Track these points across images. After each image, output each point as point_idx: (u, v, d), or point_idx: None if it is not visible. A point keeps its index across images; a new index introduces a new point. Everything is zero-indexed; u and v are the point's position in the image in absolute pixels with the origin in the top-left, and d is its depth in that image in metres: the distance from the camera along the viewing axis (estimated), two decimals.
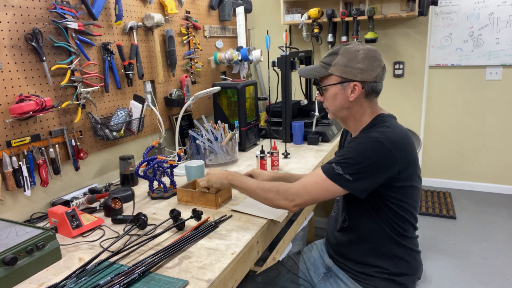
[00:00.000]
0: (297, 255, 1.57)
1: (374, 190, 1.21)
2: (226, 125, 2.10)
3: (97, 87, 1.71)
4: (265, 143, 2.43)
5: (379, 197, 1.24)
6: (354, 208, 1.31)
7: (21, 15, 1.43)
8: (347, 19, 2.81)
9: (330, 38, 2.91)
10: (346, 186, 1.19)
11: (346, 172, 1.18)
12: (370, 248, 1.30)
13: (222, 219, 1.39)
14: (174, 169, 1.81)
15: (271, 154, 1.93)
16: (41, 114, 1.49)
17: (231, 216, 1.43)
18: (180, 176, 1.91)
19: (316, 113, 2.41)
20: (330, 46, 2.97)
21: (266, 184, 1.31)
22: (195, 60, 2.45)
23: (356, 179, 1.18)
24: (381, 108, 1.34)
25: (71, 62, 1.60)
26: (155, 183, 1.72)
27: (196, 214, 1.35)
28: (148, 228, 1.36)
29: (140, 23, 1.95)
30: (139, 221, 1.33)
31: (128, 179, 1.80)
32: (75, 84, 1.64)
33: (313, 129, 2.40)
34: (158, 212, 1.51)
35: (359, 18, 2.77)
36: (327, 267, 1.44)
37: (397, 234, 1.27)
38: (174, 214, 1.34)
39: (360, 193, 1.20)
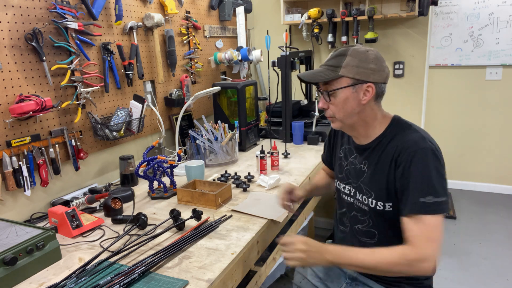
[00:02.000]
0: (303, 268, 1.48)
1: None
2: (226, 125, 2.10)
3: (97, 87, 1.71)
4: (265, 143, 2.43)
5: None
6: (388, 222, 1.21)
7: (21, 15, 1.43)
8: (347, 19, 2.81)
9: (330, 38, 2.91)
10: (446, 208, 1.09)
11: (438, 195, 1.08)
12: None
13: (222, 219, 1.39)
14: (174, 169, 1.81)
15: (271, 154, 1.93)
16: (41, 114, 1.49)
17: (231, 216, 1.43)
18: (180, 176, 1.91)
19: (316, 113, 2.41)
20: (330, 46, 2.97)
21: (388, 258, 1.09)
22: (195, 60, 2.45)
23: (446, 193, 1.11)
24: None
25: (71, 62, 1.60)
26: (155, 183, 1.72)
27: (196, 214, 1.35)
28: (148, 228, 1.36)
29: (140, 23, 1.95)
30: (139, 221, 1.34)
31: (128, 179, 1.80)
32: (75, 84, 1.64)
33: (313, 129, 2.40)
34: (158, 212, 1.51)
35: (359, 18, 2.76)
36: (351, 277, 1.36)
37: None
38: (174, 214, 1.34)
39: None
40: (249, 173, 1.82)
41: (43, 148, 1.52)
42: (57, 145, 1.58)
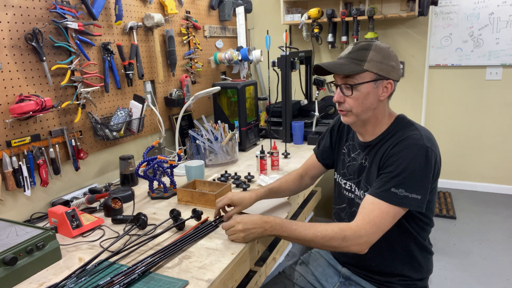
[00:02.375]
0: (299, 265, 1.51)
1: None
2: (226, 125, 2.10)
3: (97, 87, 1.71)
4: (265, 143, 2.43)
5: None
6: None
7: (21, 15, 1.43)
8: (347, 19, 2.81)
9: (330, 38, 2.91)
10: (417, 206, 1.11)
11: (412, 191, 1.10)
12: (395, 258, 1.26)
13: (221, 219, 1.39)
14: (174, 169, 1.81)
15: (271, 154, 1.93)
16: (41, 114, 1.49)
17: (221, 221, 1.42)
18: (180, 176, 1.91)
19: (316, 113, 2.41)
20: (330, 46, 2.97)
21: (324, 230, 1.13)
22: (195, 60, 2.45)
23: (424, 194, 1.11)
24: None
25: (71, 62, 1.60)
26: (155, 183, 1.72)
27: (196, 214, 1.35)
28: (148, 228, 1.36)
29: (140, 23, 1.95)
30: (139, 221, 1.34)
31: (128, 179, 1.80)
32: (75, 84, 1.64)
33: (313, 129, 2.40)
34: (158, 212, 1.51)
35: (359, 18, 2.76)
36: (344, 276, 1.39)
37: (421, 238, 1.25)
38: (174, 214, 1.34)
39: (424, 207, 1.13)
40: (249, 173, 1.82)
41: (43, 148, 1.52)
42: (57, 145, 1.58)
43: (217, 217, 1.38)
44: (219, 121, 2.09)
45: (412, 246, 1.25)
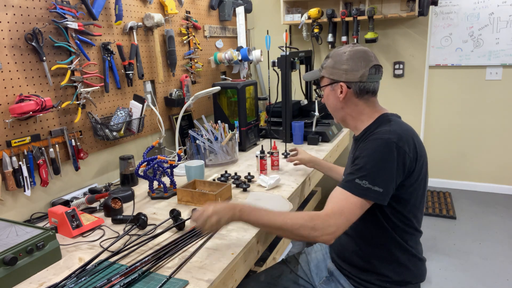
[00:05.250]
0: (301, 255, 1.56)
1: None
2: (226, 125, 2.10)
3: (97, 87, 1.71)
4: (265, 143, 2.43)
5: None
6: None
7: (21, 15, 1.43)
8: (347, 19, 2.81)
9: (330, 38, 2.91)
10: (377, 199, 1.13)
11: (372, 183, 1.12)
12: (373, 254, 1.27)
13: None
14: (174, 169, 1.81)
15: (271, 154, 1.93)
16: (41, 114, 1.49)
17: None
18: (180, 176, 1.91)
19: (316, 113, 2.41)
20: (330, 46, 2.97)
21: (294, 218, 1.11)
22: (195, 60, 2.45)
23: (385, 187, 1.13)
24: (383, 108, 1.34)
25: (71, 62, 1.60)
26: (155, 183, 1.72)
27: None
28: (148, 228, 1.36)
29: (140, 23, 1.95)
30: (139, 221, 1.34)
31: (128, 179, 1.80)
32: (75, 84, 1.64)
33: (313, 129, 2.40)
34: (158, 212, 1.51)
35: (359, 18, 2.76)
36: (329, 271, 1.43)
37: (401, 239, 1.25)
38: (174, 214, 1.34)
39: (387, 200, 1.16)
40: (249, 173, 1.82)
41: (43, 148, 1.52)
42: (57, 145, 1.58)
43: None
44: (219, 121, 2.09)
45: (391, 245, 1.26)
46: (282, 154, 2.13)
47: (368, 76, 1.27)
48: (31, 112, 1.40)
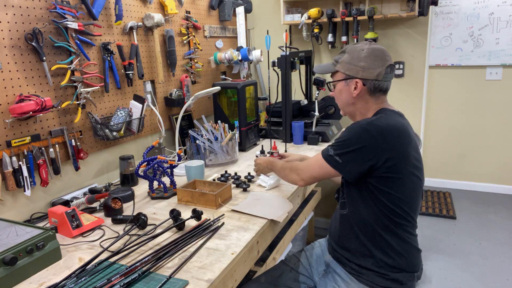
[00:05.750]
0: (301, 253, 1.59)
1: (362, 176, 1.26)
2: (226, 125, 2.10)
3: (97, 87, 1.71)
4: (265, 143, 2.43)
5: (366, 185, 1.28)
6: (351, 193, 1.35)
7: (21, 15, 1.43)
8: (347, 19, 2.81)
9: (330, 38, 2.91)
10: (335, 167, 1.30)
11: (336, 154, 1.29)
12: (367, 238, 1.31)
13: (216, 221, 1.39)
14: (174, 169, 1.81)
15: (271, 154, 1.93)
16: (41, 114, 1.49)
17: (223, 223, 1.42)
18: (180, 176, 1.91)
19: (316, 113, 2.41)
20: (330, 46, 2.97)
21: (287, 163, 1.54)
22: (195, 60, 2.45)
23: (344, 161, 1.27)
24: (390, 105, 1.37)
25: (71, 62, 1.60)
26: (155, 183, 1.72)
27: (196, 214, 1.35)
28: (148, 228, 1.36)
29: (140, 23, 1.95)
30: (139, 221, 1.34)
31: (128, 179, 1.80)
32: (75, 84, 1.64)
33: (313, 129, 2.40)
34: (158, 212, 1.51)
35: (359, 18, 2.76)
36: (326, 263, 1.46)
37: (394, 226, 1.29)
38: (174, 214, 1.34)
39: (348, 176, 1.30)
40: (249, 173, 1.82)
41: (43, 148, 1.52)
42: (57, 145, 1.58)
43: (218, 217, 1.40)
44: (219, 121, 2.09)
45: (387, 232, 1.29)
46: (268, 152, 2.09)
47: (384, 75, 1.31)
48: (31, 112, 1.40)
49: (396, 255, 1.30)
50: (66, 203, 1.54)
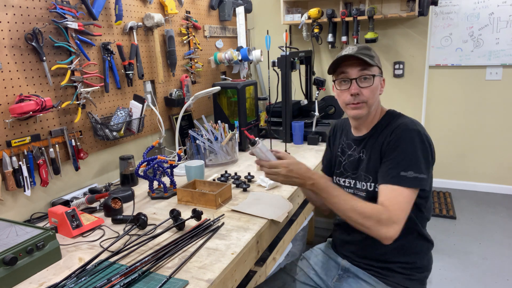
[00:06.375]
0: (301, 261, 1.52)
1: None
2: (226, 125, 2.10)
3: (97, 87, 1.71)
4: (265, 143, 2.42)
5: None
6: None
7: (21, 15, 1.43)
8: (347, 19, 2.81)
9: (330, 38, 2.91)
10: (424, 185, 1.17)
11: (420, 172, 1.15)
12: (396, 244, 1.22)
13: (215, 222, 1.39)
14: (174, 169, 1.81)
15: (251, 143, 1.90)
16: (41, 114, 1.49)
17: (223, 223, 1.43)
18: (180, 176, 1.91)
19: (316, 113, 2.41)
20: (330, 46, 2.97)
21: (363, 207, 1.13)
22: (195, 60, 2.45)
23: (427, 173, 1.17)
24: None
25: (71, 62, 1.60)
26: (155, 183, 1.72)
27: (196, 214, 1.35)
28: (148, 228, 1.36)
29: (140, 23, 1.95)
30: (139, 221, 1.33)
31: (128, 179, 1.80)
32: (75, 84, 1.64)
33: (313, 129, 2.40)
34: (158, 212, 1.51)
35: (359, 18, 2.76)
36: (343, 268, 1.40)
37: (422, 226, 1.29)
38: (174, 214, 1.34)
39: (428, 186, 1.21)
40: (249, 173, 1.82)
41: (43, 148, 1.52)
42: (57, 145, 1.58)
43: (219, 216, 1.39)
44: (219, 121, 2.09)
45: (413, 233, 1.28)
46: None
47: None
48: (31, 112, 1.40)
49: (421, 255, 1.31)
50: (66, 203, 1.54)
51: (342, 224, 1.42)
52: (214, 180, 1.81)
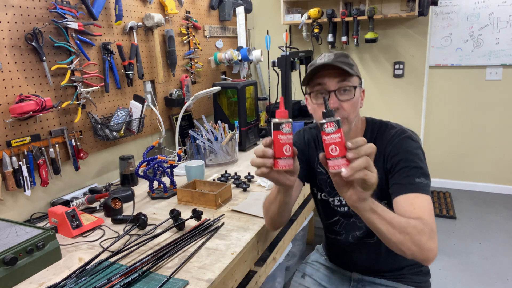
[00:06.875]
0: (304, 279, 1.44)
1: None
2: (226, 125, 2.10)
3: (97, 87, 1.71)
4: None
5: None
6: None
7: (21, 15, 1.43)
8: (347, 19, 2.81)
9: (330, 38, 2.91)
10: (429, 191, 1.10)
11: (427, 178, 1.10)
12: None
13: (215, 222, 1.39)
14: (174, 169, 1.81)
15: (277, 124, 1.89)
16: (41, 114, 1.49)
17: (223, 223, 1.43)
18: (180, 176, 1.91)
19: None
20: (330, 46, 2.97)
21: (414, 222, 0.98)
22: (195, 60, 2.45)
23: (430, 178, 1.13)
24: None
25: (71, 62, 1.60)
26: (155, 183, 1.72)
27: (196, 214, 1.35)
28: (148, 228, 1.36)
29: (140, 23, 1.95)
30: (139, 221, 1.33)
31: (128, 179, 1.79)
32: (75, 84, 1.64)
33: None
34: (158, 212, 1.51)
35: (359, 18, 2.77)
36: (355, 279, 1.36)
37: None
38: (174, 214, 1.34)
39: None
40: (249, 173, 1.82)
41: (43, 148, 1.52)
42: (57, 145, 1.58)
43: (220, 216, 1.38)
44: (219, 121, 2.08)
45: None
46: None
47: None
48: (31, 112, 1.40)
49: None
50: (66, 203, 1.54)
51: (340, 245, 1.34)
52: (214, 180, 1.81)
